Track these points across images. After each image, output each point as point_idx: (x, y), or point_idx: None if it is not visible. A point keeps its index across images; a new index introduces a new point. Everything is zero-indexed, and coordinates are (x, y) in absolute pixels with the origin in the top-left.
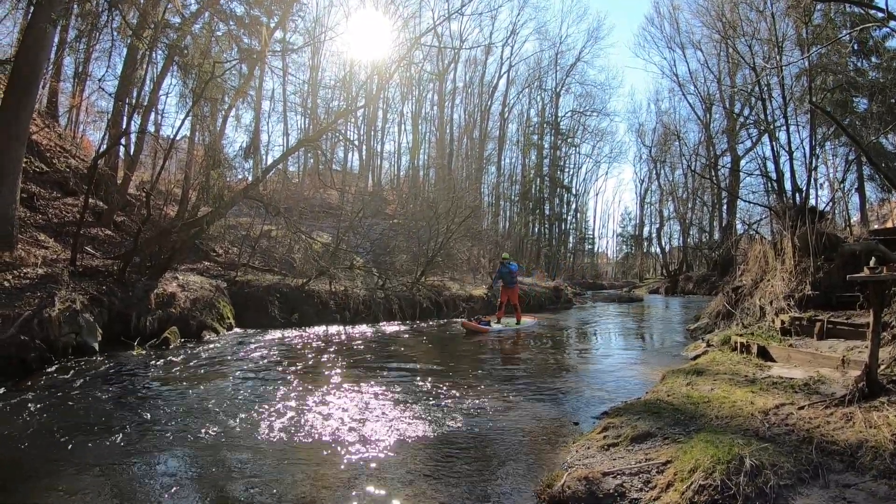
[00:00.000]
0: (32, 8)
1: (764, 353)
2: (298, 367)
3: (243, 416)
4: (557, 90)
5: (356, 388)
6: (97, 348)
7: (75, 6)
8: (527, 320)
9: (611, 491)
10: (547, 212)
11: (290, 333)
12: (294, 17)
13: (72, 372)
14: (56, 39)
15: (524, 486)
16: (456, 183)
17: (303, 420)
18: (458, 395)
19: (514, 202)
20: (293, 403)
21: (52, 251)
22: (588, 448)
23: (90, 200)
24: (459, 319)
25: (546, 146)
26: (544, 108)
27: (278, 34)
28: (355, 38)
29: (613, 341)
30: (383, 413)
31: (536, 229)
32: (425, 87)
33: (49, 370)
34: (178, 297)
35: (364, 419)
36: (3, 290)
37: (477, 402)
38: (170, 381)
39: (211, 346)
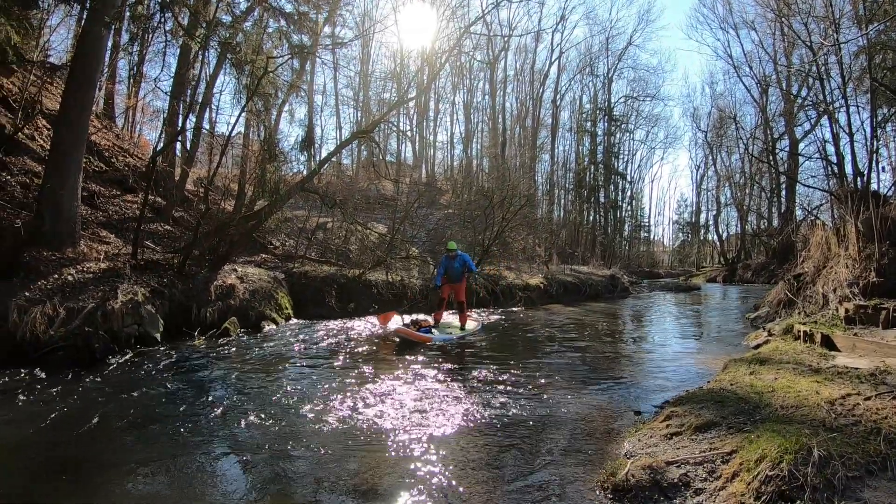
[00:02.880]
0: (86, 13)
1: (828, 343)
2: (356, 356)
3: (302, 403)
4: (609, 75)
5: (413, 377)
6: (159, 339)
7: (127, 10)
8: (471, 325)
9: (675, 480)
10: (602, 199)
11: (348, 323)
12: (342, 12)
13: (135, 361)
14: (110, 43)
15: (586, 475)
16: (510, 172)
17: (361, 408)
18: (515, 383)
19: (569, 190)
20: (351, 391)
21: (114, 246)
22: (651, 437)
23: (149, 197)
24: (517, 308)
25: (600, 133)
26: (596, 95)
27: (327, 29)
28: (404, 30)
29: (671, 330)
30: (440, 401)
31: (591, 217)
32: (476, 76)
33: (113, 360)
34: (238, 288)
35: (422, 407)
36: (68, 284)
37: (534, 390)
38: (230, 371)
39: (270, 336)
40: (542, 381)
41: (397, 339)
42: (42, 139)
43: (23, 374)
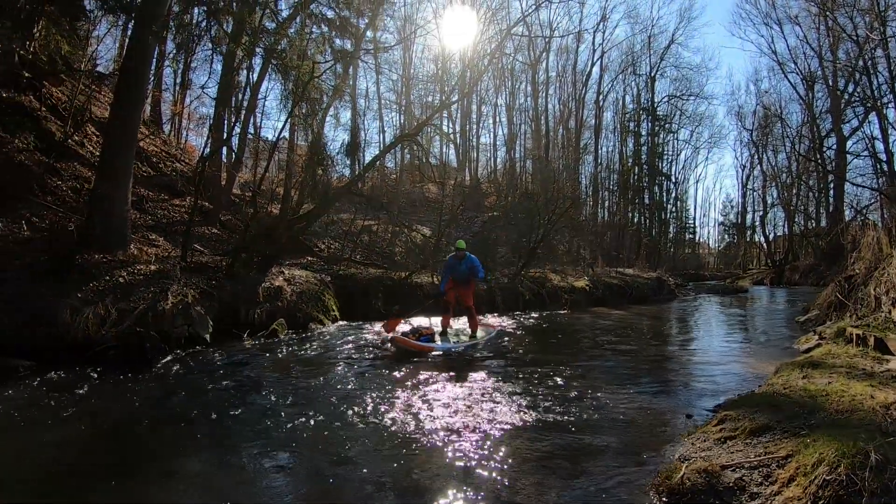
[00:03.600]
0: (133, 23)
1: (881, 346)
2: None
3: (350, 403)
4: (652, 74)
5: (461, 378)
6: (209, 339)
7: (173, 19)
8: (483, 331)
9: (730, 484)
10: (647, 201)
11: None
12: (383, 17)
13: (185, 361)
14: (155, 52)
15: (639, 477)
16: (554, 174)
17: (409, 408)
18: (564, 386)
19: (613, 191)
20: (399, 391)
21: (163, 249)
22: (704, 440)
23: (197, 201)
24: (562, 312)
25: (643, 133)
26: (639, 94)
27: (369, 34)
28: (445, 33)
29: (718, 333)
30: (489, 403)
31: (636, 219)
32: (518, 77)
33: (164, 359)
34: (285, 290)
35: (471, 407)
36: (120, 286)
37: (583, 392)
38: (278, 371)
39: (317, 337)
40: (591, 383)
41: (393, 350)
42: (91, 146)
43: (75, 373)
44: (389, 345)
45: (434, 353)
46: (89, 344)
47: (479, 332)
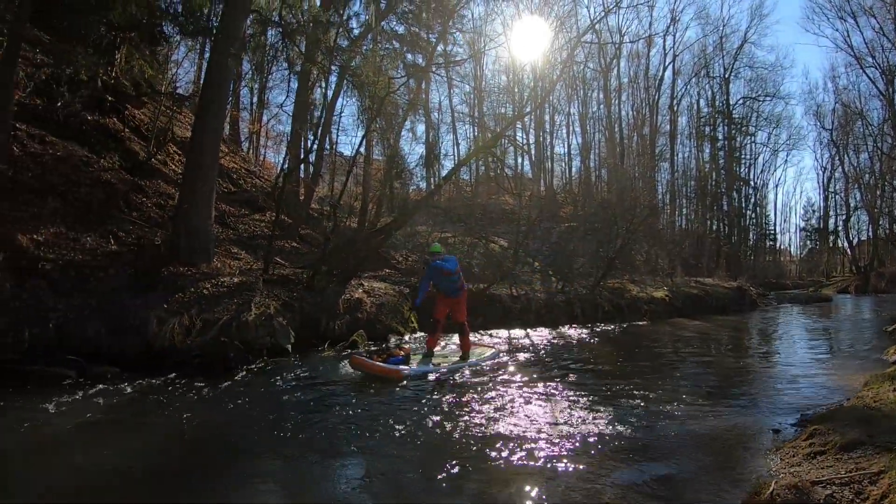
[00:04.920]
0: (211, 46)
1: None
2: (481, 368)
3: (427, 414)
4: (726, 76)
5: (538, 390)
6: (290, 350)
7: (249, 41)
8: (478, 351)
9: (821, 501)
10: (725, 207)
11: (473, 336)
12: (453, 31)
13: (267, 371)
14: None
15: (727, 493)
16: (630, 182)
17: (484, 420)
18: (645, 398)
19: (691, 199)
20: (473, 404)
21: (245, 262)
22: (793, 456)
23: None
24: (642, 323)
25: (720, 137)
26: (714, 97)
27: (439, 48)
28: (515, 44)
29: (803, 344)
30: (569, 414)
31: (715, 226)
32: (590, 85)
33: (247, 368)
34: (365, 302)
35: (546, 421)
36: (204, 298)
37: (664, 406)
38: (358, 381)
39: (397, 347)
40: (673, 396)
41: (356, 373)
42: (173, 164)
43: (161, 380)
44: (349, 366)
45: (405, 378)
46: (174, 352)
47: (477, 351)
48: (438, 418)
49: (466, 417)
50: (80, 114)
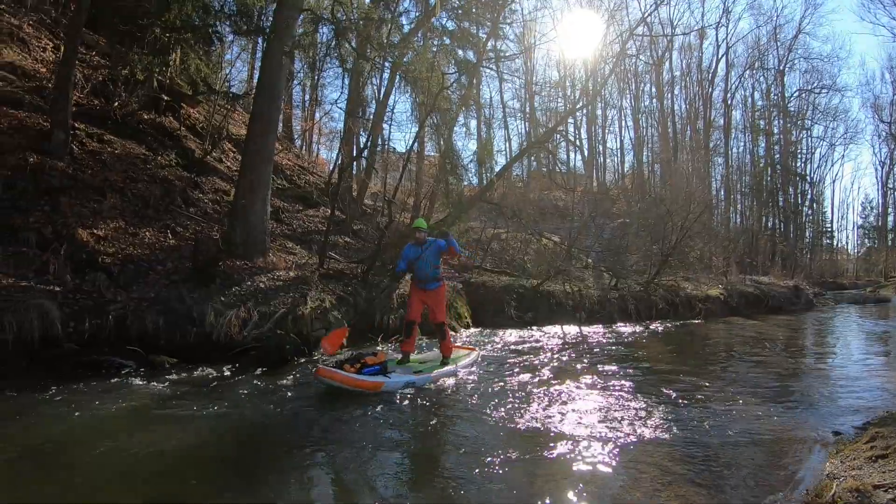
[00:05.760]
0: (265, 45)
1: None
2: (532, 365)
3: (479, 409)
4: (781, 68)
5: (588, 387)
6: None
7: (301, 39)
8: (462, 356)
9: None
10: (781, 203)
11: (526, 333)
12: (503, 25)
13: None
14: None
15: (786, 494)
16: (685, 178)
17: (533, 416)
18: (699, 397)
19: (746, 194)
20: (530, 399)
21: (300, 257)
22: (854, 459)
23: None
24: (696, 321)
25: (775, 131)
26: (769, 90)
27: (490, 43)
28: (566, 38)
29: (861, 346)
30: (622, 412)
31: (770, 223)
32: (642, 79)
33: (302, 361)
34: None
35: (603, 418)
36: (261, 291)
37: (720, 405)
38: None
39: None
40: (729, 395)
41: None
42: (228, 161)
43: (217, 371)
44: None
45: (382, 389)
46: (231, 344)
47: (459, 356)
48: (486, 411)
49: (514, 411)
50: (137, 113)
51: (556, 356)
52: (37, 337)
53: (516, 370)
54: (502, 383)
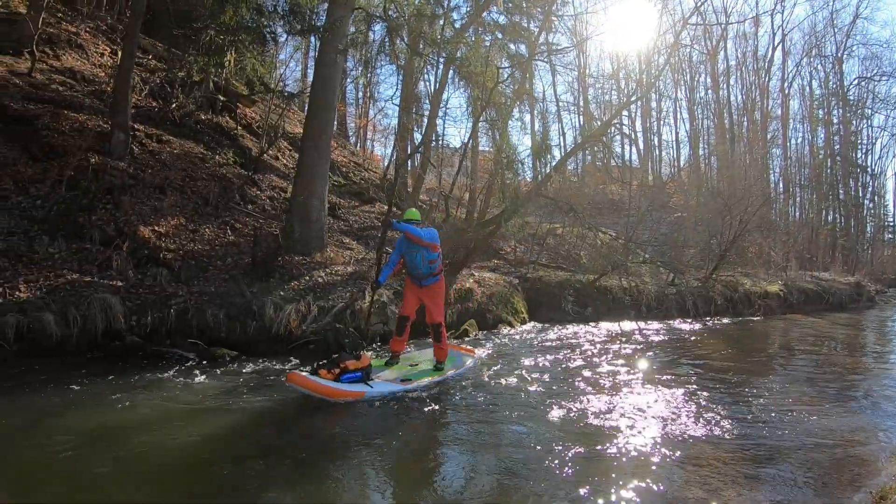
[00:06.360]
0: (319, 44)
1: None
2: (590, 361)
3: (536, 404)
4: (839, 55)
5: (646, 384)
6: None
7: (355, 36)
8: (458, 356)
9: None
10: (841, 196)
11: (583, 328)
12: (555, 18)
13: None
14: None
15: (847, 498)
16: (743, 170)
17: (589, 412)
18: (758, 396)
19: (805, 187)
20: (584, 395)
21: (356, 252)
22: None
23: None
24: (756, 318)
25: (835, 121)
26: (827, 78)
27: (542, 37)
28: (618, 30)
29: None
30: (677, 410)
31: (830, 217)
32: (696, 69)
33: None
34: (475, 292)
35: (658, 415)
36: (319, 285)
37: (780, 405)
38: (470, 371)
39: (507, 338)
40: (788, 395)
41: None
42: (284, 159)
43: (277, 364)
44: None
45: (363, 399)
46: (290, 338)
47: (456, 358)
48: (543, 407)
49: (569, 406)
50: (195, 113)
51: (610, 352)
52: (100, 330)
53: (570, 366)
54: (557, 377)
